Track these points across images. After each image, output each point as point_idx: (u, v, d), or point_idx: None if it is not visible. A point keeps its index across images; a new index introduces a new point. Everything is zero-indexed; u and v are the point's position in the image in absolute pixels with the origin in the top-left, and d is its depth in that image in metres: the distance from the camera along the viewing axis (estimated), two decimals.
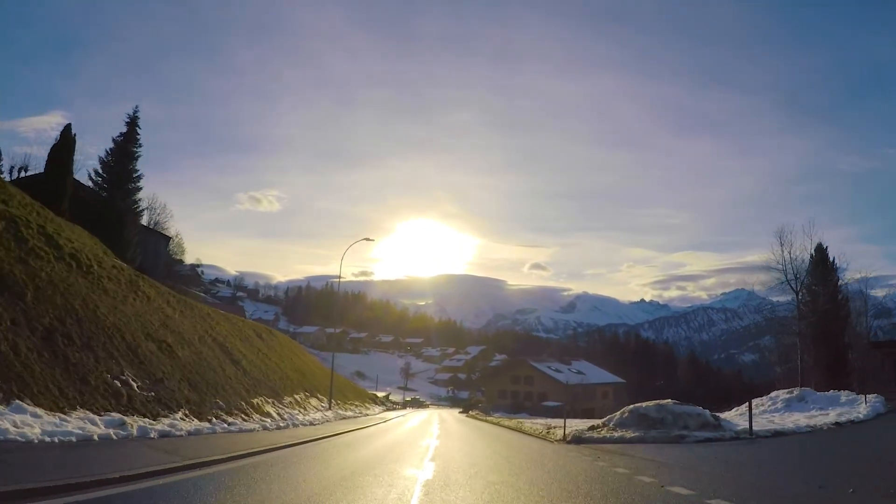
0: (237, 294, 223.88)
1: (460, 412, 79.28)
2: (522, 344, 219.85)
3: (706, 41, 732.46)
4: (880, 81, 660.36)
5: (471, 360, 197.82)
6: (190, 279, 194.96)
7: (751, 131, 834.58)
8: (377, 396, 71.30)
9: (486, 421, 42.42)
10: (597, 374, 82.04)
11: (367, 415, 41.69)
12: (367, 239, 34.29)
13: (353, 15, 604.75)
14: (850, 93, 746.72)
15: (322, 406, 32.12)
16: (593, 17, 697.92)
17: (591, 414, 75.24)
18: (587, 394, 75.14)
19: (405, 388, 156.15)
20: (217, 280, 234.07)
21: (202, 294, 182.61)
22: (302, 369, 37.99)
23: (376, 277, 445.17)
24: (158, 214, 71.87)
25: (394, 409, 72.05)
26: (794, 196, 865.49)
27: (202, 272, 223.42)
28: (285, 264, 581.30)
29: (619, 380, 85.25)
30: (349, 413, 36.22)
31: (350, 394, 50.29)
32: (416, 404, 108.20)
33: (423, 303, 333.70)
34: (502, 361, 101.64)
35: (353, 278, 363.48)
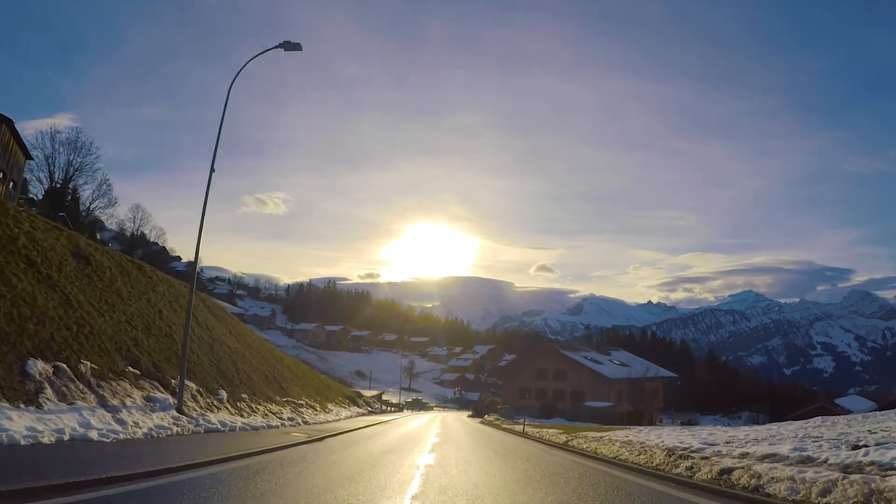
0: (237, 292, 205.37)
1: (470, 416, 59.37)
2: (532, 344, 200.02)
3: (713, 43, 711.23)
4: (888, 83, 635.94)
5: (479, 360, 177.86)
6: (187, 276, 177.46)
7: (758, 133, 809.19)
8: (361, 396, 52.11)
9: (526, 436, 22.65)
10: (644, 367, 62.10)
11: (311, 423, 22.16)
12: (288, 44, 15.06)
13: (360, 17, 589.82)
14: (857, 94, 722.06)
15: (150, 403, 12.72)
16: (600, 19, 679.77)
17: (638, 419, 55.23)
18: (634, 391, 55.39)
19: (409, 389, 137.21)
20: (217, 278, 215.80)
21: (199, 292, 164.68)
22: (170, 333, 18.57)
23: (382, 279, 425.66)
24: (83, 155, 53.57)
25: (385, 412, 52.52)
26: (802, 198, 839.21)
27: (201, 270, 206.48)
28: (291, 266, 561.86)
29: (670, 374, 65.29)
30: (244, 421, 16.64)
31: (301, 387, 30.74)
32: (418, 406, 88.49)
33: (429, 305, 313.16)
34: (516, 357, 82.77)
35: (359, 280, 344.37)
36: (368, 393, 58.54)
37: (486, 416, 44.74)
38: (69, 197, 53.40)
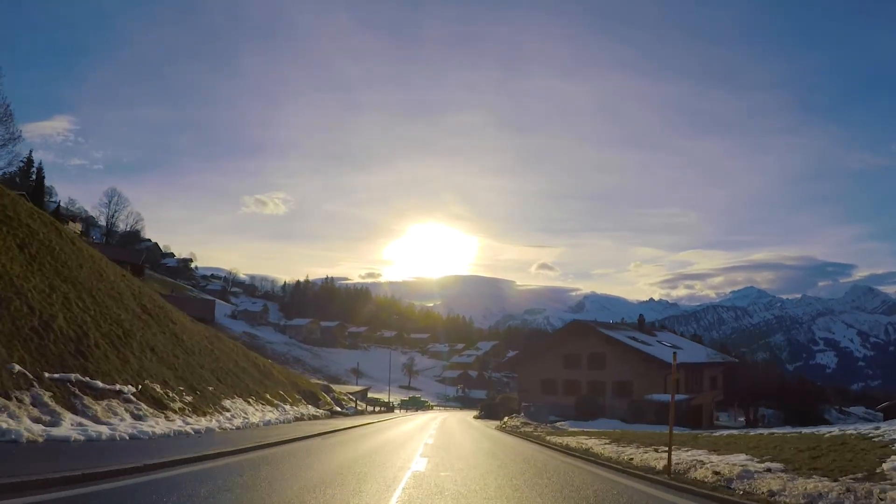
0: (232, 289, 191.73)
1: (477, 417, 44.46)
2: (537, 341, 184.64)
3: (713, 41, 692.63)
4: (888, 78, 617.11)
5: (482, 356, 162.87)
6: (178, 271, 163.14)
7: (758, 130, 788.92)
8: (332, 390, 36.80)
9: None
10: (695, 352, 47.51)
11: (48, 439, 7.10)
12: None
13: (359, 17, 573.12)
14: (857, 90, 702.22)
15: None
16: (600, 18, 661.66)
17: (696, 417, 40.46)
18: (692, 381, 40.83)
19: (408, 387, 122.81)
20: (213, 276, 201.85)
21: (190, 287, 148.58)
22: None
23: (383, 279, 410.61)
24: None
25: (364, 413, 37.72)
26: (803, 194, 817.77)
27: (196, 267, 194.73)
28: (293, 267, 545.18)
29: (729, 358, 50.74)
30: None
31: (183, 368, 15.87)
32: (415, 405, 73.34)
33: (431, 304, 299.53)
34: (538, 341, 67.26)
35: (360, 280, 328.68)
36: (349, 388, 43.88)
37: (506, 419, 29.76)
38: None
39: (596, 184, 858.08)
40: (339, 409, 31.13)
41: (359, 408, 35.95)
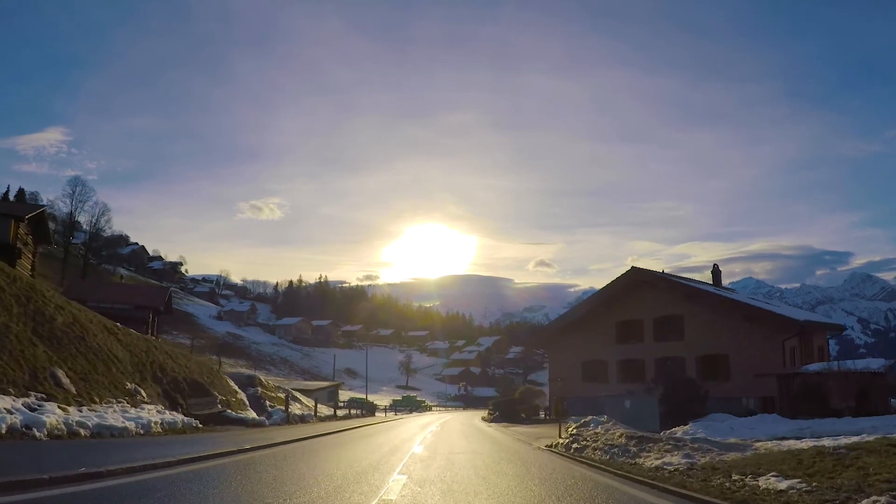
0: (223, 292, 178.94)
1: (487, 420, 29.78)
2: (540, 337, 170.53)
3: (704, 33, 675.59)
4: (880, 66, 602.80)
5: (484, 353, 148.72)
6: (165, 274, 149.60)
7: (752, 121, 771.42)
8: (252, 385, 22.49)
9: None
10: (788, 310, 33.30)
11: None
12: None
13: (351, 21, 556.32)
14: (849, 78, 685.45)
15: None
16: (590, 14, 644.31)
17: (822, 402, 26.67)
18: (804, 351, 26.68)
19: (406, 387, 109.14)
20: (204, 279, 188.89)
21: (178, 290, 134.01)
22: None
23: (381, 281, 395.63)
24: None
25: (304, 420, 23.56)
26: (798, 183, 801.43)
27: (186, 271, 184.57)
28: (289, 272, 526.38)
29: (834, 322, 37.41)
30: None
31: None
32: (410, 405, 58.55)
33: (429, 304, 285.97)
34: (574, 308, 53.17)
35: (358, 282, 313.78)
36: (307, 385, 29.58)
37: (572, 428, 15.03)
38: None
39: (592, 180, 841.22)
40: (252, 415, 16.90)
41: (298, 411, 21.47)
